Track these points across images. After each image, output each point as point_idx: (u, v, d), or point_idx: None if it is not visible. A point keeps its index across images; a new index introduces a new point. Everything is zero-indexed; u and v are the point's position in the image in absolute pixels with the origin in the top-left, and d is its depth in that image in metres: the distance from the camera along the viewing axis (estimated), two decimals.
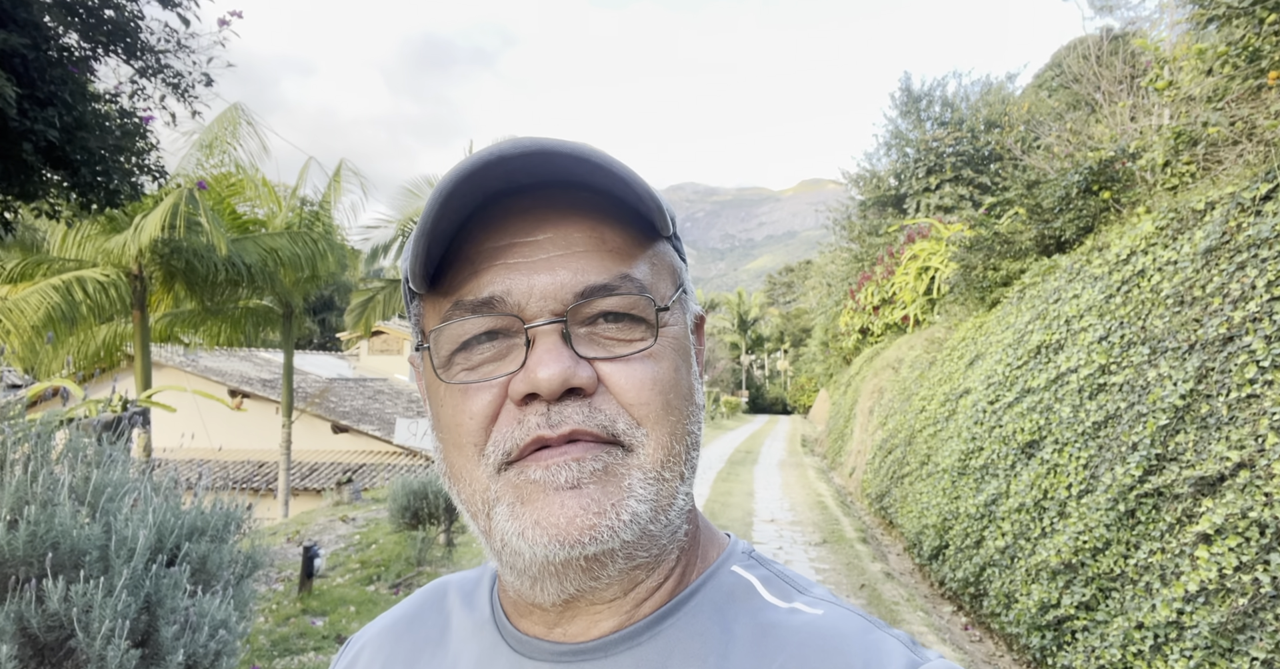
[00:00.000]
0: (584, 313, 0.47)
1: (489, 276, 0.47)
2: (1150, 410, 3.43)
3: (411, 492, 6.58)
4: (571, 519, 0.44)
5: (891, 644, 0.47)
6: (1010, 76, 19.78)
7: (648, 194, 0.47)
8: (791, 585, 0.53)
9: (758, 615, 0.50)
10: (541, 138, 0.45)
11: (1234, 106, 4.24)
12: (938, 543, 5.80)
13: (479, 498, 0.48)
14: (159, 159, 4.36)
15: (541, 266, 0.47)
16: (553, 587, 0.48)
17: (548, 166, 0.46)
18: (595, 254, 0.48)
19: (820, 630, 0.48)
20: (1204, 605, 2.84)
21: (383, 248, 15.19)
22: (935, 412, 6.85)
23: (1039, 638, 3.94)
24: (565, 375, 0.44)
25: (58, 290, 8.41)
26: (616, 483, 0.46)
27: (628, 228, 0.50)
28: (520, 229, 0.48)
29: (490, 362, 0.48)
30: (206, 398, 8.79)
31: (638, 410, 0.47)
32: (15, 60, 3.26)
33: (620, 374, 0.47)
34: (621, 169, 0.46)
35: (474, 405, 0.47)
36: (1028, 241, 6.36)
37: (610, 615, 0.51)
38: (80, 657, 2.13)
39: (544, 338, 0.46)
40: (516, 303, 0.46)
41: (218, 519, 2.76)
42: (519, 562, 0.47)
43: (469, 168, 0.44)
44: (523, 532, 0.45)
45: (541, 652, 0.51)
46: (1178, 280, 3.57)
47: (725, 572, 0.54)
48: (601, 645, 0.50)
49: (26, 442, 2.43)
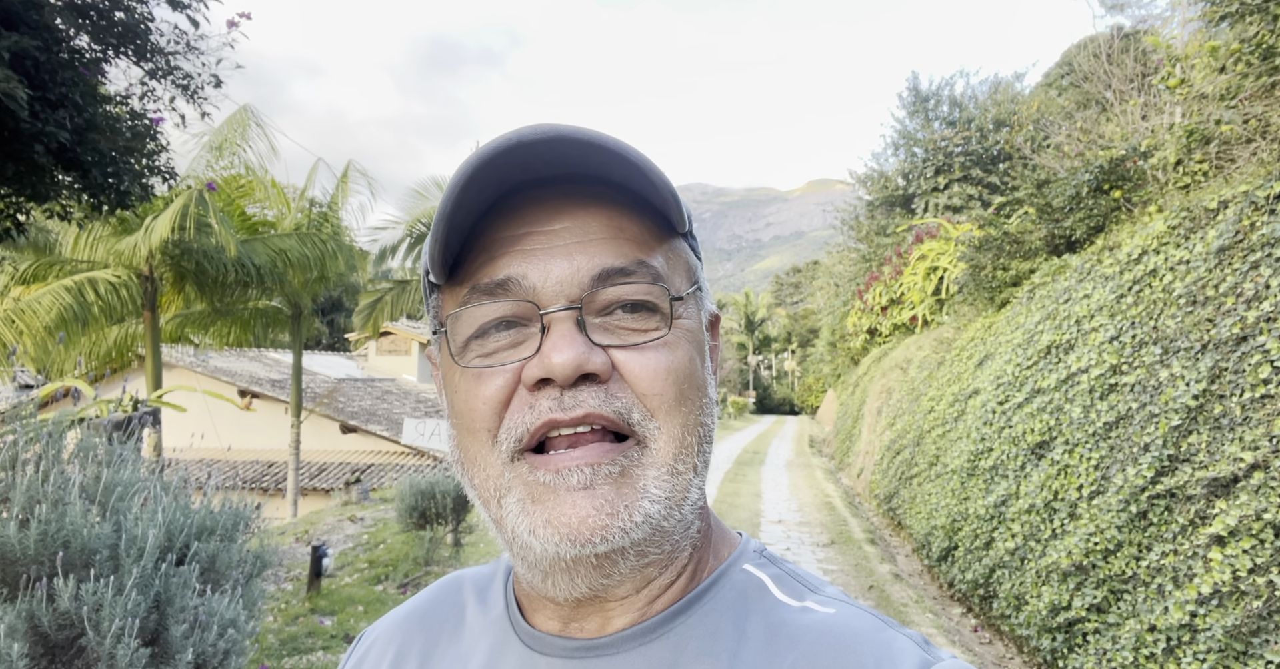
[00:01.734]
0: (599, 301, 0.47)
1: (505, 261, 0.47)
2: (1162, 411, 3.39)
3: (419, 492, 6.60)
4: (584, 519, 0.44)
5: (904, 643, 0.47)
6: (1018, 75, 19.69)
7: (665, 187, 0.47)
8: (803, 584, 0.53)
9: (769, 614, 0.50)
10: (559, 124, 0.45)
11: (1247, 104, 4.20)
12: (947, 544, 5.77)
13: (491, 484, 0.48)
14: (169, 160, 4.39)
15: (558, 253, 0.47)
16: (564, 582, 0.48)
17: (565, 155, 0.46)
18: (612, 241, 0.48)
19: (832, 629, 0.48)
20: (1217, 608, 2.81)
21: (391, 249, 15.24)
22: (944, 412, 6.82)
23: (1050, 640, 3.91)
24: (579, 361, 0.44)
25: (70, 291, 8.48)
26: (631, 484, 0.46)
27: (645, 220, 0.50)
28: (538, 218, 0.48)
29: (505, 348, 0.48)
30: (216, 398, 8.85)
31: (651, 400, 0.47)
32: (27, 62, 3.28)
33: (635, 362, 0.47)
34: (639, 158, 0.46)
35: (487, 390, 0.47)
36: (1037, 241, 6.32)
37: (624, 612, 0.51)
38: (90, 655, 2.15)
39: (559, 324, 0.46)
40: (532, 286, 0.46)
41: (227, 519, 2.77)
42: (530, 555, 0.48)
43: (487, 154, 0.44)
44: (533, 529, 0.46)
45: (554, 648, 0.51)
46: (1190, 280, 3.53)
47: (737, 570, 0.54)
48: (614, 642, 0.50)
49: (38, 441, 2.45)
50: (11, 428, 2.52)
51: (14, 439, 2.40)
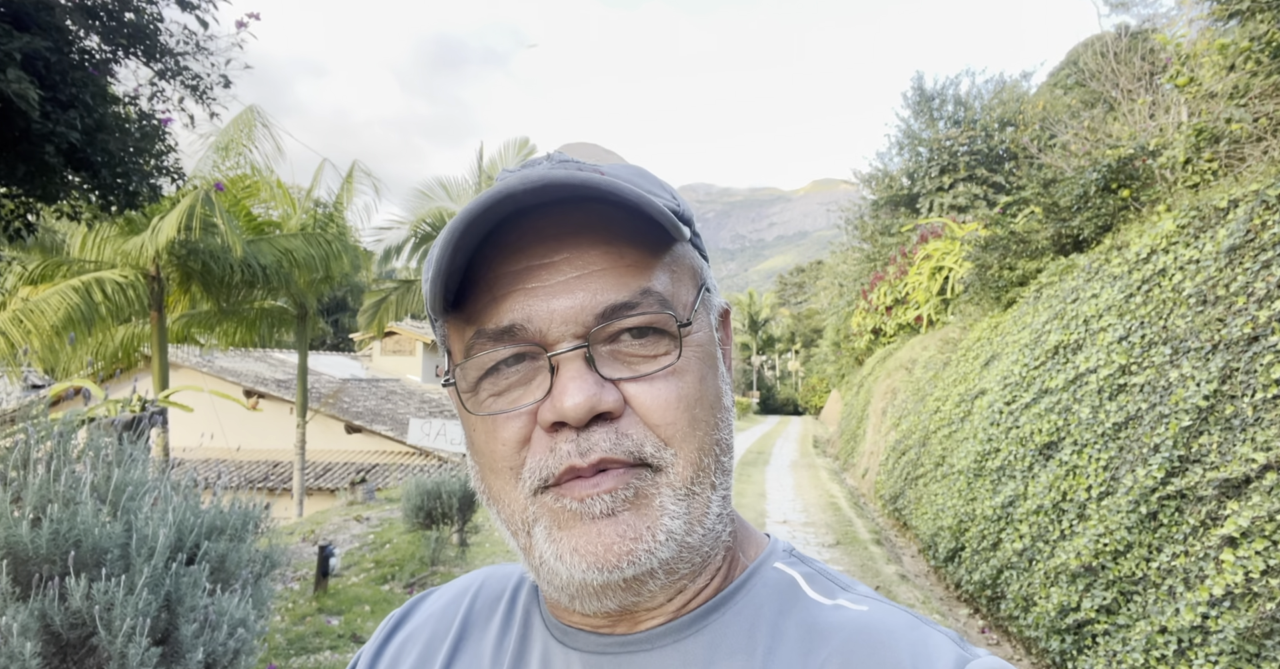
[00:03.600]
0: (606, 333, 0.47)
1: (509, 303, 0.47)
2: (1172, 411, 3.38)
3: (425, 492, 6.61)
4: (609, 546, 0.45)
5: (940, 640, 0.47)
6: (1025, 75, 19.63)
7: (658, 211, 0.46)
8: (835, 582, 0.54)
9: (803, 612, 0.50)
10: (549, 172, 0.45)
11: (1257, 102, 4.17)
12: (953, 545, 5.75)
13: (518, 518, 0.49)
14: (177, 161, 4.41)
15: (560, 290, 0.46)
16: (591, 604, 0.49)
17: (557, 196, 0.46)
18: (612, 271, 0.47)
19: (866, 627, 0.48)
20: (1230, 610, 2.80)
21: (395, 249, 15.27)
22: (950, 412, 6.80)
23: (1059, 642, 3.89)
24: (590, 403, 0.45)
25: (77, 291, 8.52)
26: (648, 504, 0.47)
27: (644, 238, 0.49)
28: (536, 251, 0.47)
29: (517, 386, 0.48)
30: (224, 398, 8.87)
31: (664, 431, 0.47)
32: (38, 63, 3.30)
33: (645, 395, 0.47)
34: (631, 193, 0.45)
35: (505, 433, 0.48)
36: (1044, 241, 6.30)
37: (655, 618, 0.51)
38: (102, 654, 2.15)
39: (567, 364, 0.46)
40: (538, 329, 0.46)
41: (236, 518, 2.78)
42: (556, 580, 0.48)
43: (478, 209, 0.45)
44: (561, 556, 0.46)
45: (587, 643, 0.52)
46: (1200, 279, 3.51)
47: (768, 568, 0.54)
48: (648, 637, 0.50)
49: (49, 440, 2.46)
50: (23, 427, 2.53)
51: (25, 438, 2.41)
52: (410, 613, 0.65)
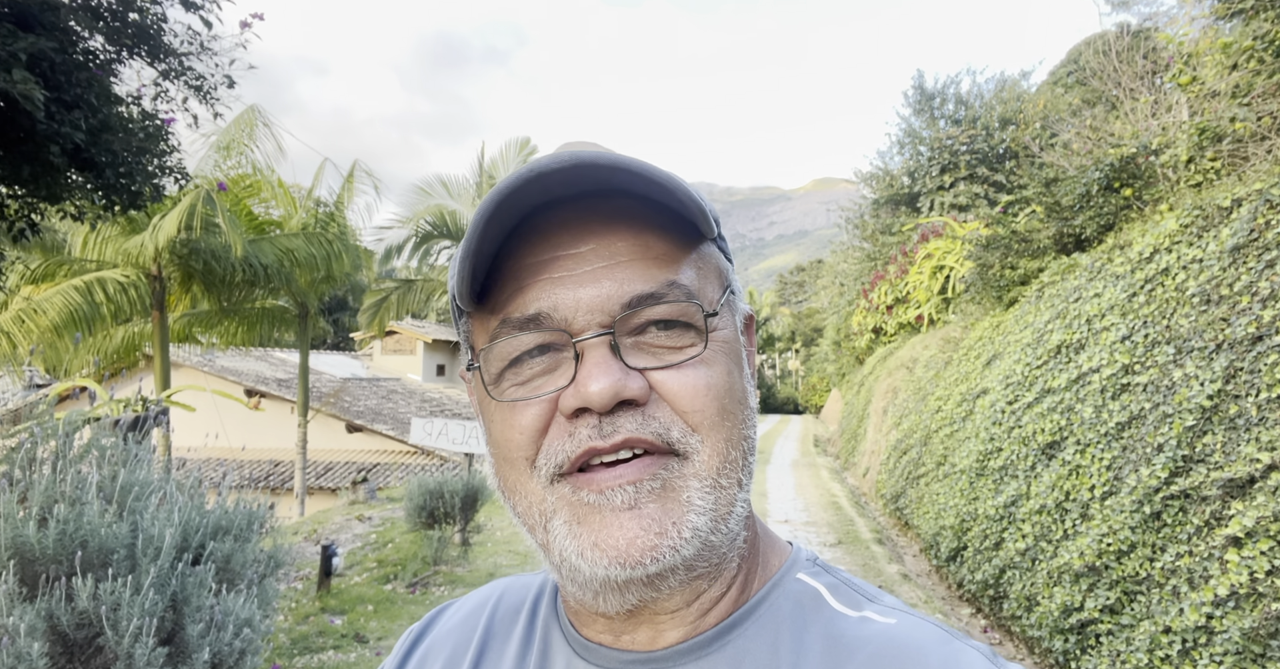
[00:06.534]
0: (632, 322, 0.46)
1: (534, 292, 0.47)
2: (1176, 411, 3.38)
3: (428, 491, 6.61)
4: (632, 541, 0.44)
5: (972, 656, 0.45)
6: (1025, 74, 19.61)
7: (689, 197, 0.46)
8: (860, 594, 0.52)
9: (828, 625, 0.49)
10: (578, 151, 0.44)
11: (1261, 101, 4.17)
12: (956, 544, 5.76)
13: (535, 510, 0.48)
14: (180, 161, 4.41)
15: (586, 279, 0.46)
16: (615, 599, 0.48)
17: (586, 178, 0.45)
18: (640, 262, 0.47)
19: (895, 640, 0.46)
20: (1234, 610, 2.80)
21: (396, 248, 15.28)
22: (952, 412, 6.80)
23: (1062, 641, 3.89)
24: (616, 388, 0.44)
25: (79, 291, 8.52)
26: (675, 497, 0.45)
27: (671, 232, 0.49)
28: (563, 242, 0.47)
29: (540, 375, 0.47)
30: (225, 398, 8.87)
31: (693, 417, 0.46)
32: (43, 64, 3.30)
33: (673, 381, 0.46)
34: (660, 174, 0.45)
35: (523, 420, 0.47)
36: (1046, 240, 6.29)
37: (675, 626, 0.50)
38: (109, 654, 2.15)
39: (592, 351, 0.45)
40: (564, 317, 0.46)
41: (241, 518, 2.78)
42: (578, 577, 0.47)
43: (508, 188, 0.44)
44: (582, 552, 0.45)
45: (608, 659, 0.51)
46: (1204, 278, 3.51)
47: (791, 579, 0.53)
48: (669, 655, 0.49)
49: (54, 440, 2.46)
50: (28, 426, 2.53)
51: (30, 438, 2.41)
52: (429, 627, 0.64)
